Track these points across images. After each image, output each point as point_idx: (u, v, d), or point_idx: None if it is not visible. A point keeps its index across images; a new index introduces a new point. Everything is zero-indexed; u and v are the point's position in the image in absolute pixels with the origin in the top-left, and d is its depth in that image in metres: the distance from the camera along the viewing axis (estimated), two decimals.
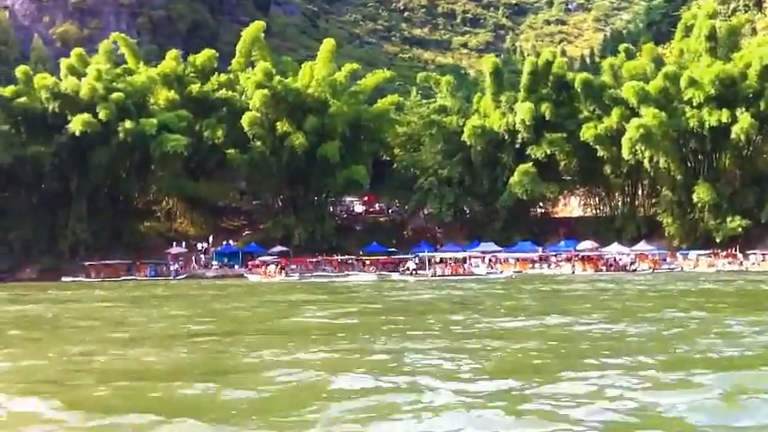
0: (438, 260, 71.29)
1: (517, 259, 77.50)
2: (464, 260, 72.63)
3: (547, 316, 25.86)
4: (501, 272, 69.41)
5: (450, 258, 72.79)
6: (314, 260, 78.62)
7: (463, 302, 35.31)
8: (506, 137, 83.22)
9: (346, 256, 79.40)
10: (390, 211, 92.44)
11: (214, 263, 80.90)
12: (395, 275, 68.47)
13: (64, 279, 72.78)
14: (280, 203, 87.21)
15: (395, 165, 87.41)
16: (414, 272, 68.95)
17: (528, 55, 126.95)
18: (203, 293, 46.58)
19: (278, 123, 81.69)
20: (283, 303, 36.50)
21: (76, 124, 77.58)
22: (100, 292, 51.01)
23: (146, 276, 76.22)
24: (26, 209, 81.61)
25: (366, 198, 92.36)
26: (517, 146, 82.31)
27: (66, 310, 34.67)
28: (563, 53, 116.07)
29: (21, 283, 69.11)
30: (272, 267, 71.27)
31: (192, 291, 50.32)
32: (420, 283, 54.96)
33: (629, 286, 46.37)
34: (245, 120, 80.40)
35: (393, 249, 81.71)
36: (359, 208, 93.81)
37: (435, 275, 65.49)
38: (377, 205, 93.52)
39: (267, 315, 29.91)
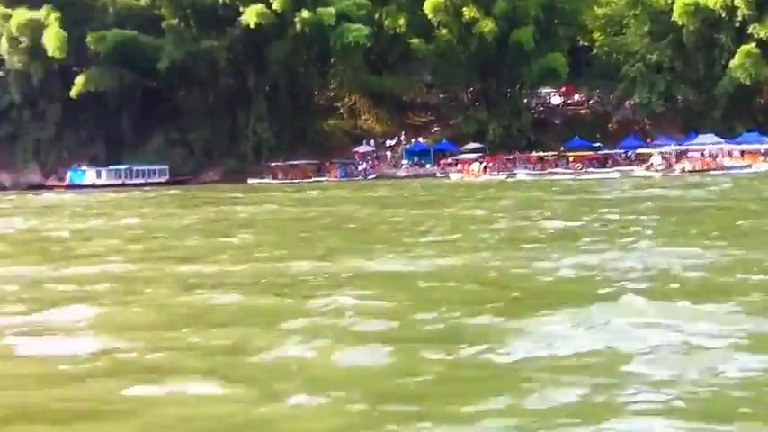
0: (685, 155, 63.46)
1: (743, 152, 68.71)
2: (713, 154, 64.55)
3: None
4: (749, 165, 60.84)
5: (668, 151, 64.87)
6: (510, 157, 72.02)
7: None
8: (724, 14, 73.17)
9: (546, 153, 72.41)
10: (591, 102, 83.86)
11: (404, 162, 75.32)
12: (636, 172, 61.16)
13: (250, 181, 68.43)
14: (470, 97, 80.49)
15: (595, 51, 78.65)
16: (659, 167, 61.43)
17: None
18: (434, 193, 41.72)
19: (464, 9, 74.14)
20: (554, 203, 30.28)
21: (250, 16, 72.09)
22: (314, 193, 45.90)
23: (335, 177, 71.23)
24: (203, 108, 77.42)
25: (564, 89, 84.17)
26: (737, 24, 72.54)
27: (338, 211, 29.98)
28: None
29: (206, 186, 65.26)
30: (475, 165, 65.02)
31: (422, 190, 45.27)
32: (671, 180, 47.98)
33: None
34: (427, 6, 73.43)
35: (597, 144, 74.08)
36: (556, 100, 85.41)
37: (684, 171, 57.88)
38: (576, 96, 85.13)
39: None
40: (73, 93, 73.92)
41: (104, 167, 73.70)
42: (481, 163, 65.97)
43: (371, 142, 77.77)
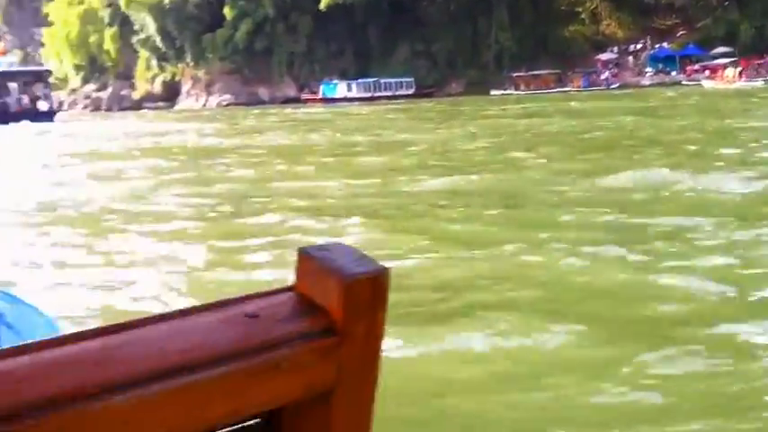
0: None
1: None
2: None
3: None
4: None
5: None
6: (761, 61, 68.50)
7: None
8: None
9: None
10: None
11: (647, 69, 73.21)
12: None
13: (492, 92, 69.26)
14: None
15: None
16: None
17: None
18: (696, 102, 40.38)
19: None
20: None
21: None
22: (573, 104, 45.78)
23: (578, 87, 70.39)
24: (445, 18, 78.51)
25: None
26: None
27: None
28: None
29: (452, 98, 66.60)
30: (730, 71, 62.38)
31: (686, 99, 43.78)
32: None
33: None
34: None
35: None
36: None
37: None
38: None
39: None
40: (322, 5, 77.43)
41: (354, 81, 76.83)
42: (736, 68, 63.12)
43: (614, 50, 76.09)
